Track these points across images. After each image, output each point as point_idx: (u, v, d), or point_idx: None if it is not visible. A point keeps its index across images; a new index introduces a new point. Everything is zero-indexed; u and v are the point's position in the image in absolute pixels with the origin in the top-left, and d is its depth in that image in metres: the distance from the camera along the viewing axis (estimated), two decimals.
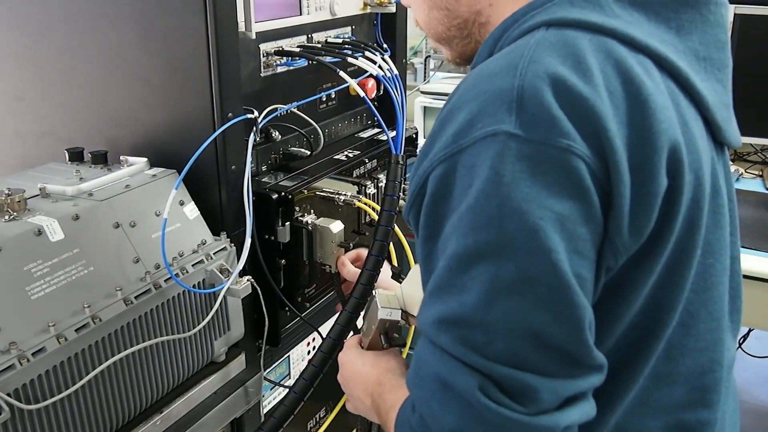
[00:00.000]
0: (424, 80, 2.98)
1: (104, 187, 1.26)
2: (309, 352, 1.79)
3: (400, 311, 1.17)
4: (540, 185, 0.76)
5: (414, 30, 1.40)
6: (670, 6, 0.89)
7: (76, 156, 1.42)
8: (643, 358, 0.90)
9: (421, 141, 2.83)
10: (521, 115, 0.77)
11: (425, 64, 3.01)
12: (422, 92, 2.86)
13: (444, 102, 0.88)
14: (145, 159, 1.37)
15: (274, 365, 1.65)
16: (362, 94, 1.51)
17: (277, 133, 1.52)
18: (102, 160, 1.39)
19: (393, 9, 1.80)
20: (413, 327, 1.36)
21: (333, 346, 1.33)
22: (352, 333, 1.36)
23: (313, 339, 1.79)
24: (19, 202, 1.16)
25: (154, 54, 1.36)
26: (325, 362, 1.33)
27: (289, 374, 1.74)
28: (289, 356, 1.72)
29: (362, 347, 1.20)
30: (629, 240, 0.81)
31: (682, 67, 0.87)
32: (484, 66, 0.85)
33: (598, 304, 0.83)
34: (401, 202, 1.58)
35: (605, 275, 0.83)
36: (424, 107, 2.84)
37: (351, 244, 1.48)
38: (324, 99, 1.71)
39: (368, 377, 1.11)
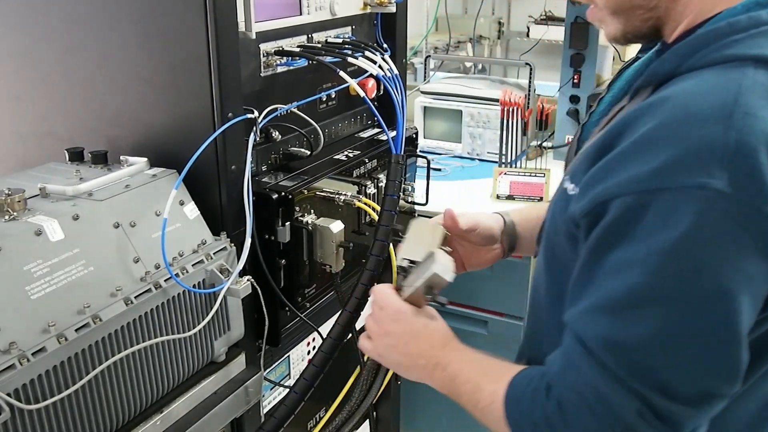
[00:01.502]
0: (424, 80, 2.98)
1: (104, 187, 1.26)
2: (309, 352, 1.79)
3: (454, 274, 1.15)
4: (740, 248, 0.81)
5: (414, 30, 1.41)
6: None
7: (76, 156, 1.42)
8: None
9: (422, 141, 2.84)
10: (733, 173, 0.79)
11: (425, 64, 3.01)
12: (422, 92, 2.85)
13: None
14: (146, 159, 1.37)
15: (274, 365, 1.66)
16: (362, 94, 1.51)
17: (277, 133, 1.52)
18: (102, 160, 1.39)
19: (393, 9, 1.80)
20: None
21: (334, 346, 1.33)
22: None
23: (313, 339, 1.79)
24: (19, 202, 1.16)
25: (155, 54, 1.36)
26: (326, 362, 1.33)
27: (289, 374, 1.74)
28: (289, 356, 1.72)
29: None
30: None
31: None
32: (690, 98, 0.85)
33: None
34: (401, 202, 1.58)
35: None
36: (424, 107, 2.83)
37: (351, 244, 1.47)
38: (324, 99, 1.71)
39: (433, 336, 1.12)
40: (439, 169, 2.68)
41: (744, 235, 0.80)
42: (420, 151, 2.85)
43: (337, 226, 1.46)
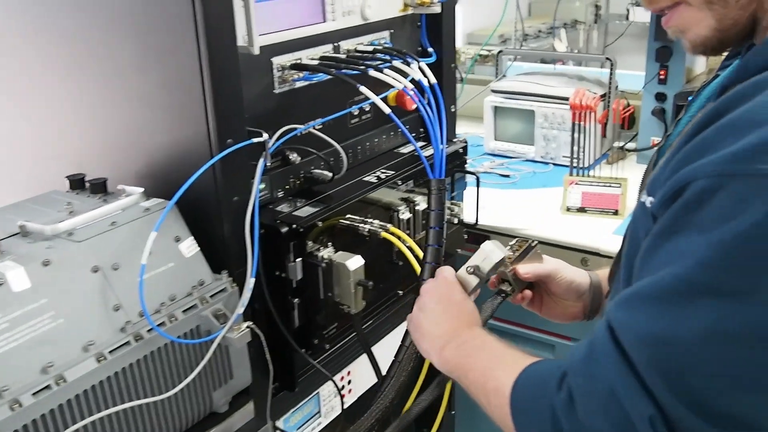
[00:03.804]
0: (496, 77, 2.76)
1: (86, 226, 1.14)
2: (344, 387, 1.64)
3: (502, 256, 1.19)
4: None
5: (506, 16, 1.23)
6: None
7: (77, 184, 1.32)
8: None
9: (493, 144, 2.64)
10: None
11: (497, 60, 2.79)
12: (493, 91, 2.64)
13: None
14: (142, 190, 1.24)
15: (299, 405, 1.52)
16: (387, 110, 1.34)
17: (295, 155, 1.37)
18: (101, 189, 1.27)
19: (438, 9, 1.62)
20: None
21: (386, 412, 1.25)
22: None
23: (348, 373, 1.64)
24: None
25: (151, 74, 1.23)
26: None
27: (319, 411, 1.60)
28: (318, 393, 1.58)
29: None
30: None
31: None
32: None
33: None
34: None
35: None
36: (495, 107, 2.62)
37: (370, 284, 1.31)
38: (356, 113, 1.55)
39: (461, 314, 1.14)
40: (508, 176, 2.47)
41: None
42: (491, 155, 2.68)
43: (355, 262, 1.30)
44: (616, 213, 2.11)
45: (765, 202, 0.71)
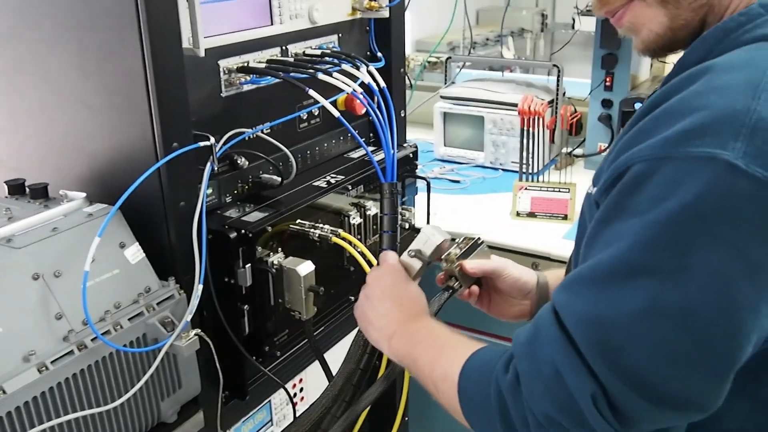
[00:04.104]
0: (445, 84, 2.77)
1: (26, 232, 1.10)
2: (295, 395, 1.62)
3: (442, 239, 1.20)
4: (744, 227, 0.73)
5: (455, 24, 1.23)
6: None
7: (17, 189, 1.27)
8: None
9: (443, 150, 2.65)
10: (749, 145, 0.72)
11: (446, 67, 2.80)
12: (442, 97, 2.65)
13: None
14: (84, 195, 1.21)
15: (250, 413, 1.49)
16: (336, 114, 1.33)
17: (243, 159, 1.35)
18: (41, 194, 1.24)
19: (386, 14, 1.62)
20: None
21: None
22: None
23: (300, 380, 1.62)
24: None
25: (92, 75, 1.20)
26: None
27: (271, 420, 1.58)
28: (270, 401, 1.55)
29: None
30: None
31: None
32: (717, 74, 0.79)
33: None
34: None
35: None
36: (444, 113, 2.63)
37: (322, 289, 1.30)
38: (305, 117, 1.53)
39: (407, 304, 1.12)
40: (458, 181, 2.48)
41: (751, 213, 0.73)
42: (441, 160, 2.68)
43: (305, 268, 1.29)
44: (565, 218, 2.13)
45: (695, 182, 0.73)
